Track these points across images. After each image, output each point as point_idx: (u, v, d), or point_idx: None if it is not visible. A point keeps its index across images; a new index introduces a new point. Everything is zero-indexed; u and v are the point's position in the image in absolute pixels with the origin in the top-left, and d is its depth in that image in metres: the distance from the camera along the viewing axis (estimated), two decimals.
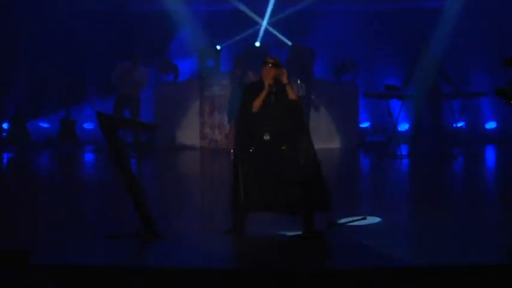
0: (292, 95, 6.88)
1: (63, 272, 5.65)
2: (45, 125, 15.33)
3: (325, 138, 13.47)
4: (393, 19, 14.45)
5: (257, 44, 14.40)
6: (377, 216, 7.98)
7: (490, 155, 13.71)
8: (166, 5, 14.39)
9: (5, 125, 14.56)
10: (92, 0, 14.02)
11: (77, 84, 14.82)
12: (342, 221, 7.10)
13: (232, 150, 12.44)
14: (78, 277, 5.63)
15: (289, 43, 14.05)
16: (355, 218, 7.30)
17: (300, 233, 6.84)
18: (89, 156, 13.49)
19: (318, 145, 12.59)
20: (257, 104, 6.81)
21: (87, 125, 15.20)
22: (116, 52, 13.54)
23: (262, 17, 14.58)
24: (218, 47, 14.34)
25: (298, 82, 11.76)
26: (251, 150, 6.82)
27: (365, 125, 15.13)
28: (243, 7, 14.47)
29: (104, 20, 14.13)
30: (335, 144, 13.62)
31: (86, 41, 14.29)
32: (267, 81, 6.83)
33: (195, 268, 5.80)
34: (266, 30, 14.53)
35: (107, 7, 14.16)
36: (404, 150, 12.67)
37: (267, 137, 6.82)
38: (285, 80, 6.86)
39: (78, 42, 14.26)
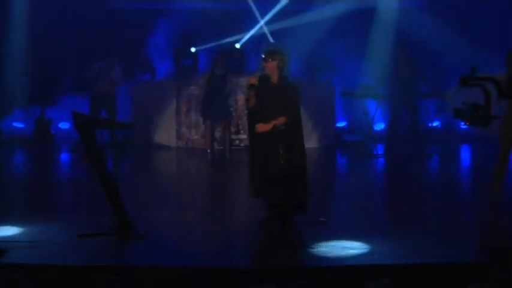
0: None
1: (37, 272, 5.61)
2: (19, 124, 15.19)
3: None
4: (370, 18, 14.49)
5: (237, 45, 14.36)
6: (354, 214, 8.02)
7: (465, 154, 13.82)
8: (144, 3, 14.34)
9: None
10: None
11: (52, 83, 14.67)
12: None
13: (208, 150, 12.48)
14: (53, 277, 5.59)
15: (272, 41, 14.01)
16: (316, 220, 7.27)
17: (277, 226, 6.89)
18: (64, 156, 13.39)
19: None
20: (251, 101, 6.98)
21: (63, 125, 15.08)
22: (91, 51, 13.42)
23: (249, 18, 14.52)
24: (193, 49, 14.27)
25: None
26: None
27: (342, 124, 15.18)
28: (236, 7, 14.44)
29: (79, 18, 14.02)
30: (312, 143, 13.60)
31: (61, 39, 14.16)
32: (248, 81, 6.98)
33: (171, 266, 5.79)
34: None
35: (82, 5, 14.04)
36: (380, 149, 12.73)
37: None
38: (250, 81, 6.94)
39: (52, 40, 14.13)
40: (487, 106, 6.53)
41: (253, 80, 6.95)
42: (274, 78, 6.99)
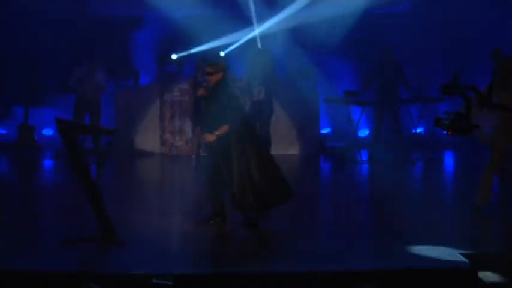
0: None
1: (17, 278, 5.57)
2: (2, 131, 15.09)
3: (285, 144, 13.49)
4: (354, 24, 14.52)
5: (222, 53, 14.33)
6: (338, 220, 8.03)
7: (449, 160, 13.87)
8: (130, 9, 14.29)
9: None
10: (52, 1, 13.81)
11: (35, 88, 14.58)
12: None
13: (193, 156, 12.44)
14: (33, 283, 5.56)
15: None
16: None
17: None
18: (47, 163, 13.32)
19: (278, 151, 12.83)
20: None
21: (46, 131, 15.00)
22: (75, 55, 13.36)
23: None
24: (174, 56, 14.22)
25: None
26: None
27: (326, 130, 15.19)
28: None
29: (64, 22, 13.94)
30: (295, 150, 13.64)
31: (45, 44, 14.07)
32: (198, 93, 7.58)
33: (153, 273, 5.76)
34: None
35: (67, 9, 13.95)
36: (364, 155, 12.76)
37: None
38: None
39: (37, 45, 14.04)
40: (468, 115, 6.56)
41: (201, 91, 7.32)
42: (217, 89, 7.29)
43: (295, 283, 5.67)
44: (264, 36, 14.21)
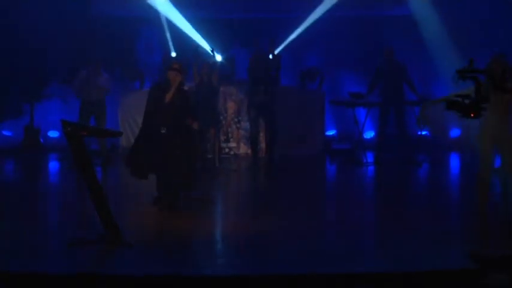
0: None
1: (24, 281, 5.59)
2: (8, 133, 15.13)
3: (290, 145, 13.49)
4: (358, 26, 14.53)
5: (217, 56, 14.32)
6: (342, 222, 8.03)
7: (454, 162, 13.86)
8: (134, 10, 14.31)
9: None
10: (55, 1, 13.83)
11: (40, 90, 14.59)
12: None
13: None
14: (38, 285, 5.57)
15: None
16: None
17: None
18: (53, 165, 13.34)
19: (284, 152, 12.78)
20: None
21: (52, 133, 15.03)
22: (79, 57, 13.38)
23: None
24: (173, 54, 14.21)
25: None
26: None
27: (331, 132, 15.20)
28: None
29: (67, 22, 13.95)
30: (301, 151, 13.63)
31: (48, 45, 14.08)
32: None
33: (159, 275, 5.77)
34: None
35: (70, 8, 13.97)
36: (369, 157, 12.75)
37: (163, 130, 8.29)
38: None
39: (41, 46, 14.06)
40: (478, 97, 6.65)
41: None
42: None
43: (295, 284, 5.66)
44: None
